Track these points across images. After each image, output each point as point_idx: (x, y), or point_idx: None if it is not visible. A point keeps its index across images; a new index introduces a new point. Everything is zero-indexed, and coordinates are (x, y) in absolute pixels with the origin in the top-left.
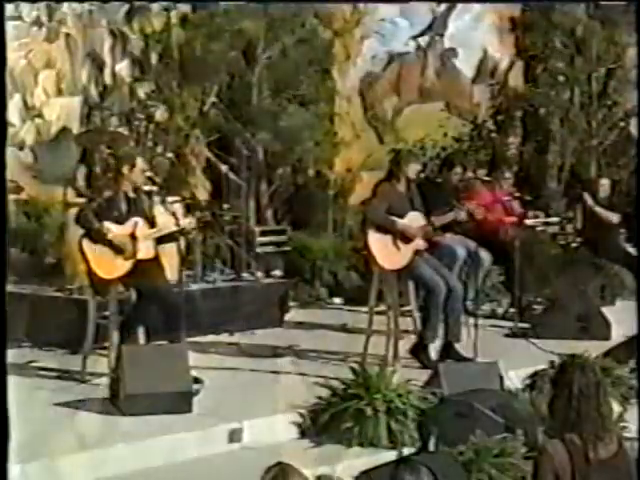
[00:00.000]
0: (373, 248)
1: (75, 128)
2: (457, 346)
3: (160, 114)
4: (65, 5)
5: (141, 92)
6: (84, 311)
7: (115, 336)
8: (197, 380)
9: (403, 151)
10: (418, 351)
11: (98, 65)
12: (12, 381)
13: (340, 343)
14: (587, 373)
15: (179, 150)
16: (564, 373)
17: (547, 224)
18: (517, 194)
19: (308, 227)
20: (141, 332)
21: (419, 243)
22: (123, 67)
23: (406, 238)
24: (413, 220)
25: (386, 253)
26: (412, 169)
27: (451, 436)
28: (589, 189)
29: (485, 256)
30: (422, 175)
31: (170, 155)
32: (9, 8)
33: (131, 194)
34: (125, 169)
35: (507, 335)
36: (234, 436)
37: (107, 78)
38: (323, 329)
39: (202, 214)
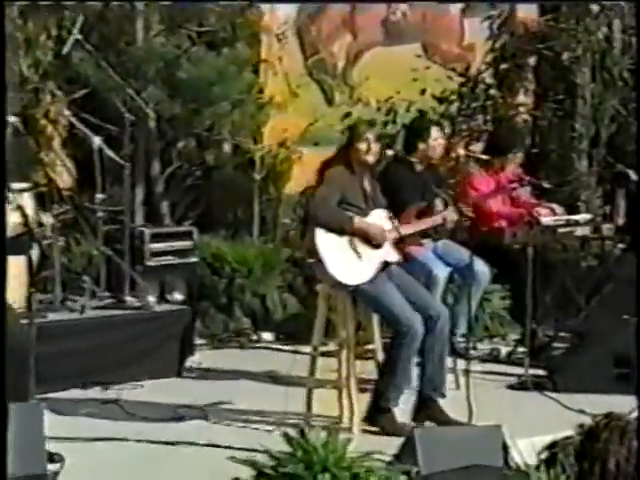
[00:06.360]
0: (323, 253)
1: None
2: (441, 403)
3: None
4: None
5: None
6: None
7: None
8: (54, 457)
9: (358, 122)
10: (375, 414)
11: None
12: None
13: (270, 399)
14: (628, 440)
15: (26, 112)
16: (596, 441)
17: (574, 223)
18: (529, 179)
19: (223, 228)
20: None
21: (389, 253)
22: None
23: (369, 244)
24: (377, 220)
25: (343, 261)
26: (371, 150)
27: None
28: (635, 164)
29: (483, 271)
30: (389, 153)
31: (13, 120)
32: None
33: None
34: None
35: (514, 387)
36: None
37: None
38: (245, 378)
39: (63, 208)
